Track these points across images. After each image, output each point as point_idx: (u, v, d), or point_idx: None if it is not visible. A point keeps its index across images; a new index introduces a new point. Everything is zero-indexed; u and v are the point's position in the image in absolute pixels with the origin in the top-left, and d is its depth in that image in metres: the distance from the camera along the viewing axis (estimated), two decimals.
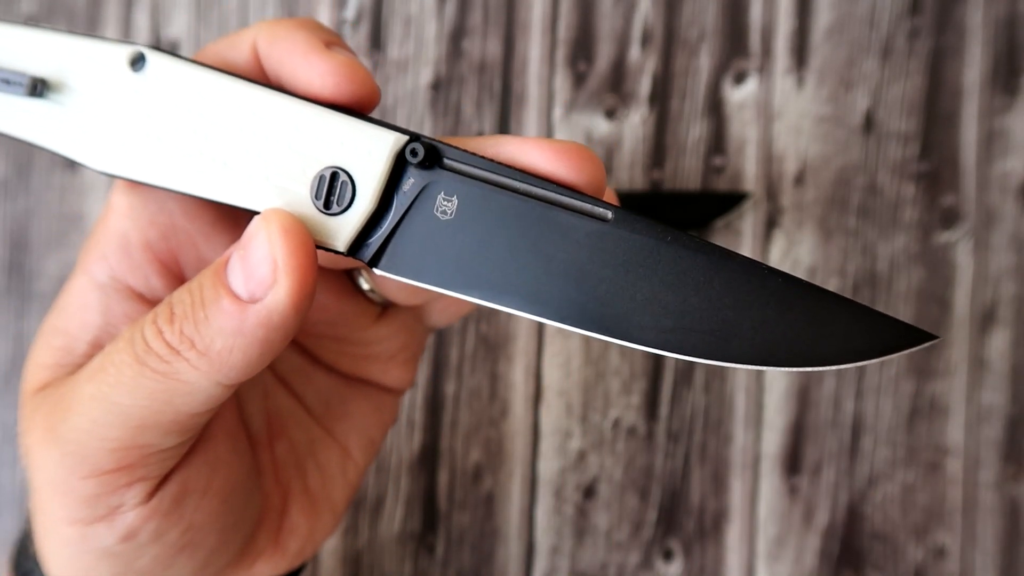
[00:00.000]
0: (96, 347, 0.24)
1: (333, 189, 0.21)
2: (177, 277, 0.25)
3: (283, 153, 0.21)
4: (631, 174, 0.41)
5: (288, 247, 0.20)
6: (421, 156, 0.20)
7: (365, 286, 0.27)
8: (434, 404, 0.41)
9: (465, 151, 0.21)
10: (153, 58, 0.22)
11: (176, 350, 0.20)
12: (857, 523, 0.40)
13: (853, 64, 0.40)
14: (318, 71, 0.22)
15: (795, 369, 0.19)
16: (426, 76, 0.41)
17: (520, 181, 0.20)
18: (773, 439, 0.40)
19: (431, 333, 0.30)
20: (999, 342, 0.40)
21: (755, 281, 0.19)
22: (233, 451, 0.25)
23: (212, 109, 0.22)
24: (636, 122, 0.41)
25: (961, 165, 0.40)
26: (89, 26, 0.43)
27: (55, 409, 0.22)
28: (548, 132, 0.41)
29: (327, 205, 0.21)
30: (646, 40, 0.41)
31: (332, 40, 0.23)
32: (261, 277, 0.20)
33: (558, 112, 0.41)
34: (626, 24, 0.41)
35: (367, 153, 0.21)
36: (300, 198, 0.21)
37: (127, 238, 0.24)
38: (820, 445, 0.40)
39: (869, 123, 0.40)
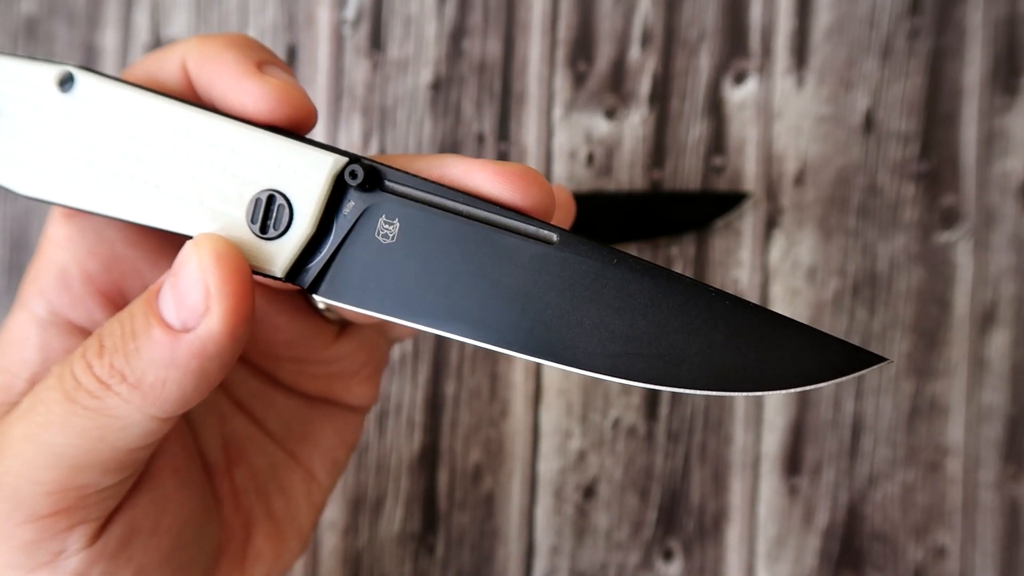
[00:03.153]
0: (35, 384, 0.22)
1: (270, 212, 0.20)
2: (121, 309, 0.23)
3: (218, 176, 0.21)
4: (631, 174, 0.41)
5: (221, 273, 0.19)
6: (361, 178, 0.20)
7: (321, 305, 0.26)
8: (434, 404, 0.41)
9: (407, 173, 0.20)
10: (82, 78, 0.22)
11: (106, 384, 0.20)
12: (857, 523, 0.40)
13: (853, 64, 0.40)
14: (251, 95, 0.21)
15: (744, 394, 0.19)
16: (426, 76, 0.41)
17: (464, 203, 0.20)
18: (773, 439, 0.40)
19: (393, 346, 0.30)
20: (999, 342, 0.40)
21: (702, 304, 0.19)
22: (182, 487, 0.24)
23: (144, 131, 0.21)
24: (636, 122, 0.41)
25: (961, 165, 0.40)
26: (89, 26, 0.43)
27: None
28: (548, 132, 0.41)
29: (263, 229, 0.20)
30: (646, 40, 0.41)
31: (265, 59, 0.22)
32: (193, 305, 0.19)
33: (558, 112, 0.41)
34: (626, 24, 0.41)
35: (305, 176, 0.20)
36: (235, 222, 0.21)
37: (66, 271, 0.23)
38: (820, 445, 0.40)
39: (869, 123, 0.40)
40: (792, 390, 0.19)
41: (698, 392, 0.19)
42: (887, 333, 0.40)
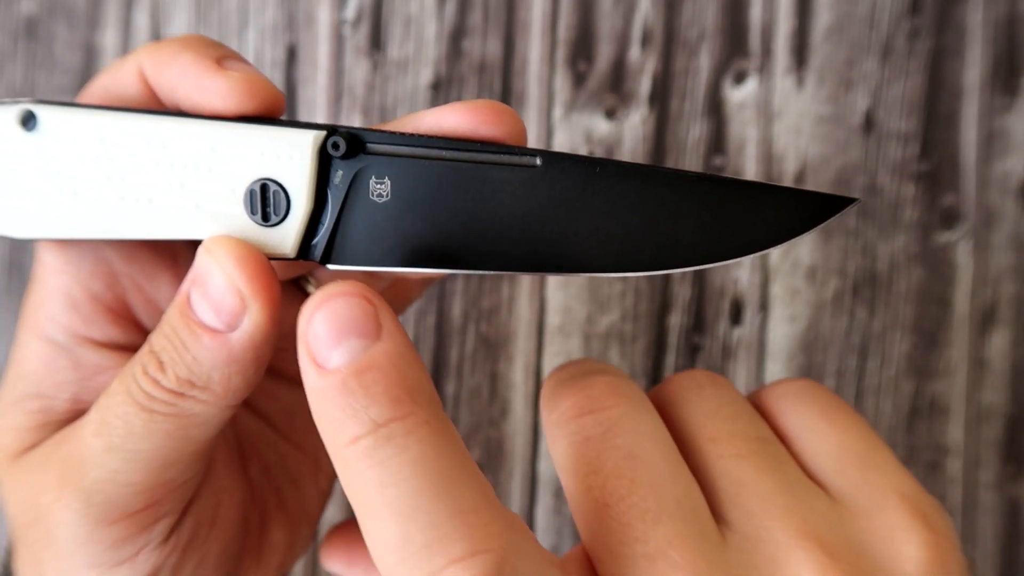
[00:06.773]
0: (76, 402, 0.23)
1: (267, 200, 0.21)
2: (131, 320, 0.24)
3: (206, 178, 0.21)
4: None
5: (246, 274, 0.20)
6: (344, 148, 0.21)
7: (313, 290, 0.27)
8: None
9: (386, 132, 0.21)
10: (43, 113, 0.22)
11: (179, 393, 0.21)
12: None
13: (853, 64, 0.40)
14: (216, 92, 0.21)
15: (738, 259, 0.21)
16: (426, 76, 0.41)
17: (445, 147, 0.21)
18: None
19: None
20: (999, 342, 0.40)
21: (685, 190, 0.21)
22: (231, 477, 0.25)
23: (120, 150, 0.21)
24: (636, 122, 0.41)
25: (961, 165, 0.40)
26: (89, 26, 0.43)
27: (66, 468, 0.22)
28: (548, 132, 0.41)
29: (265, 217, 0.21)
30: (646, 40, 0.41)
31: (222, 54, 0.22)
32: (231, 308, 0.20)
33: (558, 112, 0.41)
34: (626, 24, 0.41)
35: (290, 157, 0.21)
36: (236, 217, 0.21)
37: (71, 295, 0.24)
38: None
39: (869, 123, 0.40)
40: (780, 245, 0.21)
41: (696, 268, 0.21)
42: (887, 333, 0.40)
